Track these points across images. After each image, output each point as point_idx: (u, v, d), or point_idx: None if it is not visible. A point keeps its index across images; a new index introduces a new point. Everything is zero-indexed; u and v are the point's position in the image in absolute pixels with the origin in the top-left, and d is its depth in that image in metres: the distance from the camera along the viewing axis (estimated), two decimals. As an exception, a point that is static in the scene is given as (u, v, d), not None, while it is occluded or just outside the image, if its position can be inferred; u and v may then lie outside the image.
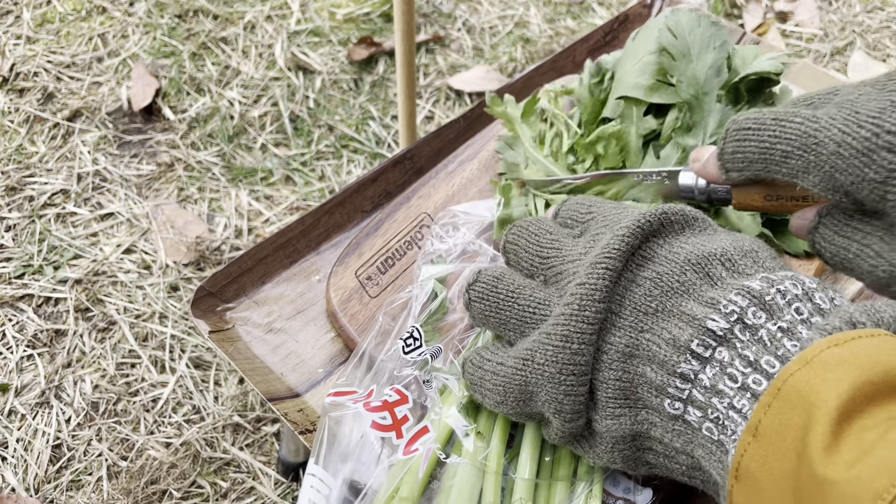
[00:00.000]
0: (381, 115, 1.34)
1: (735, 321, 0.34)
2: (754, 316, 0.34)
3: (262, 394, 0.56)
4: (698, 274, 0.38)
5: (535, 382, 0.40)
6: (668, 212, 0.40)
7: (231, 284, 0.63)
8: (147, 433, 0.97)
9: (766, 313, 0.34)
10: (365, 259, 0.63)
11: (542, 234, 0.46)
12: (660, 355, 0.36)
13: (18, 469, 0.94)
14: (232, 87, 1.36)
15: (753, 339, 0.34)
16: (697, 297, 0.37)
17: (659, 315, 0.37)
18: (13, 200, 1.19)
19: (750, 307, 0.34)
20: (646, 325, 0.37)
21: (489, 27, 1.52)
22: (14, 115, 1.30)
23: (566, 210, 0.49)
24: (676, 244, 0.40)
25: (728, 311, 0.35)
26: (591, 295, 0.38)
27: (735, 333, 0.34)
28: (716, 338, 0.35)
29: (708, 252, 0.38)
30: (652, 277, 0.38)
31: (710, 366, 0.35)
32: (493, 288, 0.45)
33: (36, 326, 1.06)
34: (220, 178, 1.24)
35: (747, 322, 0.34)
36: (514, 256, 0.47)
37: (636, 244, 0.39)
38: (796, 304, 0.34)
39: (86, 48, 1.41)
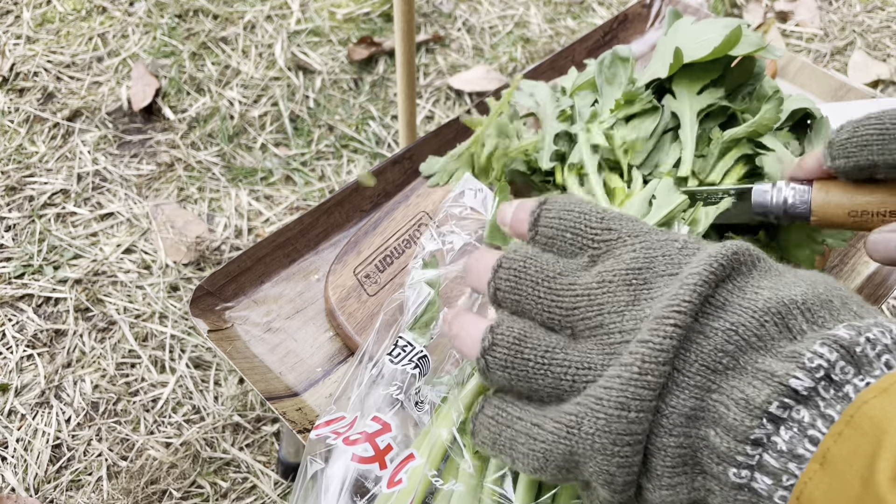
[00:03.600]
0: (381, 115, 1.34)
1: (821, 377, 0.30)
2: (842, 371, 0.30)
3: (261, 393, 0.56)
4: (778, 326, 0.33)
5: (583, 453, 0.35)
6: (738, 251, 0.35)
7: (230, 284, 0.63)
8: (147, 433, 0.97)
9: (854, 367, 0.30)
10: (363, 257, 0.63)
11: (549, 278, 0.39)
12: (728, 418, 0.32)
13: (18, 469, 0.94)
14: (232, 87, 1.36)
15: (837, 396, 0.30)
16: (776, 352, 0.32)
17: (730, 373, 0.33)
18: (13, 200, 1.19)
19: (839, 361, 0.30)
20: (714, 383, 0.33)
21: (489, 27, 1.52)
22: (14, 115, 1.30)
23: (560, 223, 0.41)
24: (750, 290, 0.35)
25: (814, 366, 0.30)
26: (656, 357, 0.33)
27: (818, 391, 0.30)
28: (797, 397, 0.30)
29: (787, 299, 0.33)
30: (725, 329, 0.33)
31: (786, 427, 0.30)
32: (519, 353, 0.37)
33: (36, 326, 1.06)
34: (220, 177, 1.24)
35: (834, 378, 0.30)
36: (518, 307, 0.39)
37: (709, 294, 0.34)
38: (886, 355, 0.30)
39: (86, 48, 1.41)
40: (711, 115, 0.62)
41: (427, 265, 0.57)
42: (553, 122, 0.65)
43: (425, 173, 0.70)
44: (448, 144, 0.73)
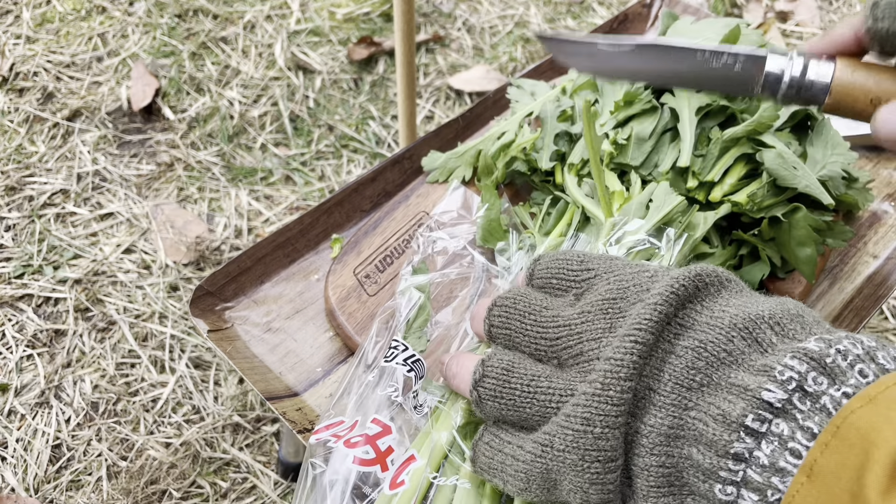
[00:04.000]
0: (381, 115, 1.34)
1: (794, 389, 0.30)
2: (815, 382, 0.30)
3: (261, 393, 0.56)
4: (746, 340, 0.34)
5: (558, 470, 0.36)
6: (702, 273, 0.36)
7: (230, 284, 0.63)
8: (147, 433, 0.97)
9: (828, 378, 0.30)
10: (363, 257, 0.63)
11: (535, 311, 0.41)
12: (708, 434, 0.32)
13: (18, 469, 0.94)
14: (232, 87, 1.36)
15: (815, 407, 0.30)
16: (748, 366, 0.33)
17: (705, 389, 0.33)
18: (13, 200, 1.19)
19: (809, 372, 0.30)
20: (690, 401, 0.33)
21: (489, 27, 1.52)
22: (14, 115, 1.30)
23: (547, 271, 0.44)
24: (717, 308, 0.35)
25: (785, 378, 0.31)
26: (617, 372, 0.34)
27: (794, 403, 0.30)
28: (772, 410, 0.30)
29: (754, 315, 0.34)
30: (694, 347, 0.34)
31: (767, 441, 0.30)
32: (506, 383, 0.39)
33: (36, 326, 1.06)
34: (219, 177, 1.24)
35: (807, 389, 0.30)
36: (509, 341, 0.42)
37: (671, 313, 0.35)
38: (859, 365, 0.30)
39: (85, 48, 1.41)
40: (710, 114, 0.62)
41: (417, 271, 0.57)
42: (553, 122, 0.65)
43: (427, 168, 0.70)
44: (448, 144, 0.73)
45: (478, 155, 0.68)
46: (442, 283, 0.59)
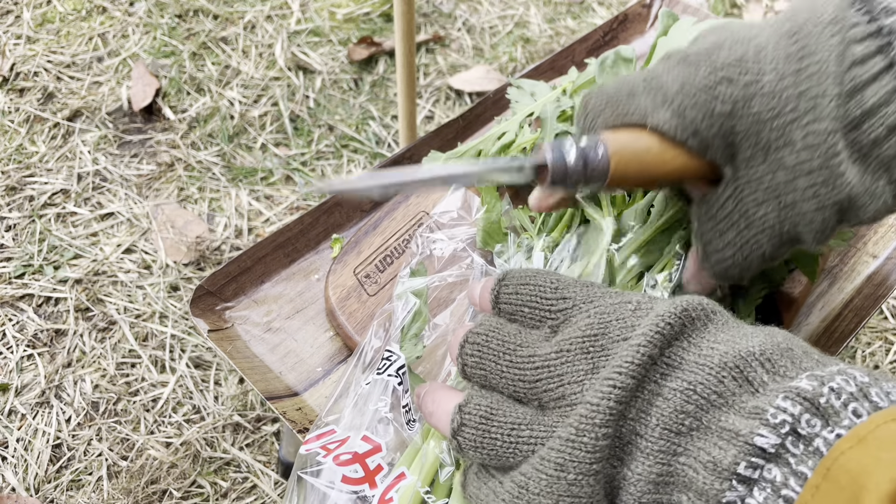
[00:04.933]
0: (381, 115, 1.34)
1: (787, 433, 0.29)
2: (808, 424, 0.29)
3: (261, 392, 0.56)
4: (737, 381, 0.32)
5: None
6: (688, 308, 0.35)
7: (230, 283, 0.63)
8: (147, 433, 0.97)
9: (822, 419, 0.29)
10: (364, 257, 0.63)
11: (510, 350, 0.39)
12: (698, 482, 0.31)
13: (18, 469, 0.94)
14: (232, 87, 1.36)
15: (808, 450, 0.29)
16: (739, 408, 0.31)
17: (695, 434, 0.32)
18: (13, 200, 1.19)
19: (803, 414, 0.29)
20: (680, 446, 0.32)
21: (489, 27, 1.52)
22: (14, 115, 1.30)
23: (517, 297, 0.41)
24: (705, 345, 0.34)
25: (778, 422, 0.29)
26: (592, 418, 0.33)
27: (787, 447, 0.29)
28: (765, 455, 0.29)
29: (744, 352, 0.33)
30: (683, 389, 0.32)
31: (759, 488, 0.29)
32: (486, 433, 0.37)
33: (36, 326, 1.06)
34: (220, 177, 1.24)
35: (801, 432, 0.29)
36: (485, 381, 0.39)
37: (656, 354, 0.34)
38: (853, 404, 0.29)
39: (86, 48, 1.41)
40: None
41: (415, 273, 0.56)
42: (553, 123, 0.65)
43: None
44: (448, 144, 0.73)
45: (478, 155, 0.68)
46: (440, 286, 0.59)
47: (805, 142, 0.42)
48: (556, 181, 0.43)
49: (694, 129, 0.42)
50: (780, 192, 0.43)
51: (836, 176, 0.42)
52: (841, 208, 0.43)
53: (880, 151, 0.42)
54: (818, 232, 0.44)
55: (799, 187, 0.42)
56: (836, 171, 0.41)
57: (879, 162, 0.42)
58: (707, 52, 0.43)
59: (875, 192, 0.43)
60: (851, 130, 0.42)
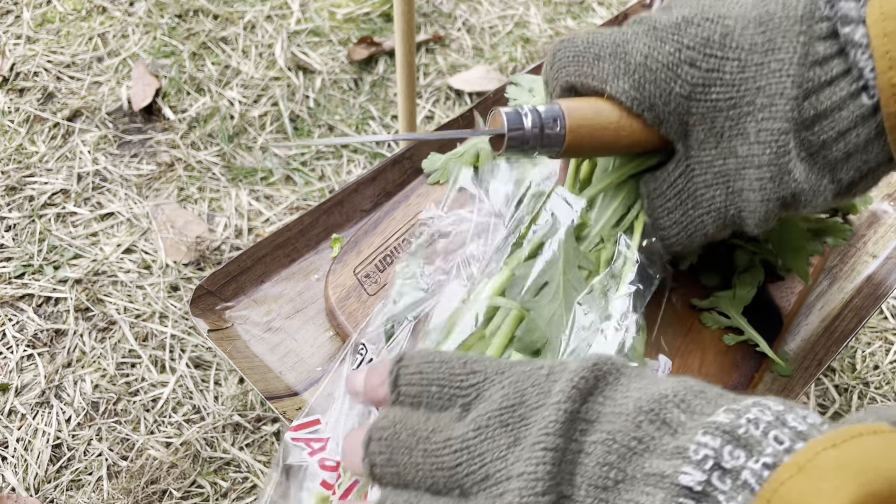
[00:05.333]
0: (381, 115, 1.34)
1: (711, 468, 0.29)
2: (731, 456, 0.28)
3: (261, 392, 0.56)
4: (654, 423, 0.31)
5: None
6: (598, 363, 0.34)
7: (230, 283, 0.63)
8: (147, 433, 0.97)
9: (744, 450, 0.28)
10: (363, 257, 0.64)
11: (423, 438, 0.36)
12: None
13: (18, 469, 0.94)
14: (232, 87, 1.36)
15: (737, 485, 0.28)
16: (661, 450, 0.31)
17: (621, 486, 0.31)
18: (13, 200, 1.19)
19: (724, 446, 0.29)
20: (608, 502, 0.31)
21: (489, 27, 1.52)
22: (14, 115, 1.30)
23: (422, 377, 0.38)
24: (619, 396, 0.33)
25: (700, 458, 0.29)
26: (532, 488, 0.31)
27: (714, 484, 0.28)
28: (693, 495, 0.28)
29: (657, 395, 0.32)
30: (603, 440, 0.32)
31: None
32: None
33: (36, 326, 1.06)
34: (220, 177, 1.24)
35: (725, 466, 0.28)
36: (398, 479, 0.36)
37: (576, 409, 0.33)
38: (773, 431, 0.29)
39: (86, 48, 1.41)
40: None
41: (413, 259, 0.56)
42: None
43: (427, 170, 0.70)
44: (448, 144, 0.73)
45: (477, 155, 0.68)
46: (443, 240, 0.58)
47: (758, 137, 0.43)
48: (511, 148, 0.44)
49: (651, 104, 0.44)
50: (729, 179, 0.45)
51: (783, 173, 0.43)
52: (785, 202, 0.45)
53: (828, 153, 0.44)
54: (761, 220, 0.46)
55: (748, 177, 0.44)
56: (785, 169, 0.43)
57: (826, 162, 0.44)
58: (676, 27, 0.44)
59: (818, 190, 0.45)
60: (803, 130, 0.43)
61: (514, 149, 0.45)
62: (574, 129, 0.44)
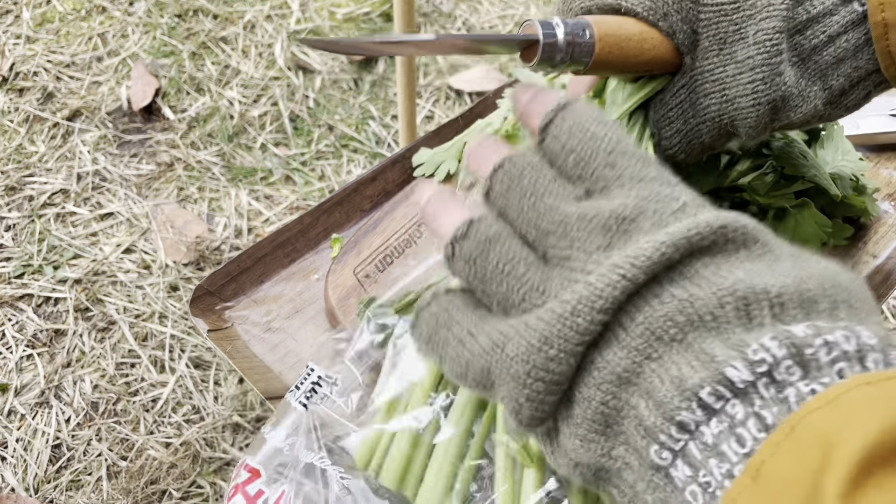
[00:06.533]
0: (381, 115, 1.34)
1: (762, 373, 0.28)
2: (787, 371, 0.28)
3: (261, 392, 0.56)
4: (738, 311, 0.30)
5: (499, 374, 0.34)
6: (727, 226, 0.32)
7: (230, 283, 0.63)
8: (147, 433, 0.97)
9: (802, 369, 0.28)
10: (363, 257, 0.63)
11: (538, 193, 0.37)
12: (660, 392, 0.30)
13: (18, 469, 0.94)
14: (232, 87, 1.36)
15: (777, 397, 0.27)
16: (726, 337, 0.30)
17: (674, 345, 0.31)
18: (13, 200, 1.19)
19: (784, 360, 0.28)
20: (656, 351, 0.31)
21: (489, 27, 1.52)
22: (14, 115, 1.30)
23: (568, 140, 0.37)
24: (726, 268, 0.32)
25: (756, 360, 0.28)
26: (593, 303, 0.31)
27: (758, 388, 0.28)
28: (733, 389, 0.28)
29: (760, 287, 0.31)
30: (682, 298, 0.31)
31: (718, 420, 0.28)
32: (485, 252, 0.36)
33: (35, 326, 1.06)
34: (219, 177, 1.24)
35: (776, 377, 0.28)
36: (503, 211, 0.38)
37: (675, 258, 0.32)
38: (841, 363, 0.28)
39: (85, 48, 1.41)
40: None
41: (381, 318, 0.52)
42: None
43: (415, 164, 0.70)
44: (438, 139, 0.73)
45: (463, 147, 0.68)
46: None
47: (755, 38, 0.45)
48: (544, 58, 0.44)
49: (665, 12, 0.46)
50: (725, 86, 0.47)
51: (774, 74, 0.45)
52: (775, 107, 0.46)
53: (819, 58, 0.46)
54: (752, 127, 0.47)
55: (741, 82, 0.46)
56: (776, 70, 0.45)
57: (817, 67, 0.46)
58: None
59: (808, 96, 0.46)
60: (795, 34, 0.46)
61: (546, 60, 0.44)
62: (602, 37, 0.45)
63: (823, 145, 0.62)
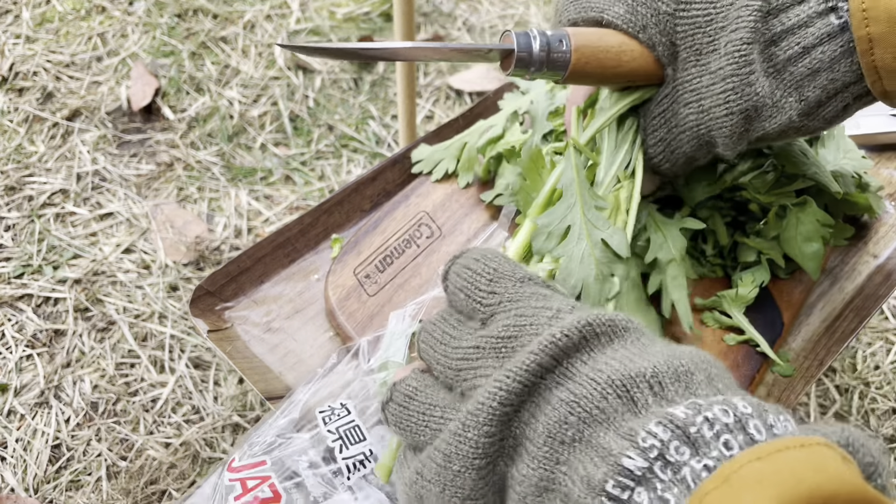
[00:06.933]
0: (381, 115, 1.34)
1: (655, 458, 0.30)
2: (677, 451, 0.29)
3: (261, 393, 0.56)
4: (621, 399, 0.33)
5: (426, 497, 0.37)
6: (593, 323, 0.35)
7: (230, 283, 0.63)
8: (146, 433, 0.97)
9: (690, 448, 0.29)
10: (363, 257, 0.63)
11: (446, 340, 0.41)
12: (574, 495, 0.32)
13: (18, 469, 0.94)
14: (231, 87, 1.36)
15: (676, 478, 0.29)
16: (617, 426, 0.32)
17: (576, 446, 0.33)
18: (12, 200, 1.19)
19: (672, 441, 0.30)
20: (562, 456, 0.33)
21: (489, 26, 1.52)
22: (13, 115, 1.30)
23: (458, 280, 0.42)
24: (602, 360, 0.34)
25: (647, 446, 0.30)
26: (477, 416, 0.34)
27: (655, 472, 0.29)
28: (633, 477, 0.30)
29: (635, 371, 0.33)
30: (569, 401, 0.33)
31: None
32: (406, 409, 0.40)
33: (35, 326, 1.06)
34: (219, 177, 1.24)
35: (669, 459, 0.29)
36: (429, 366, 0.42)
37: (547, 363, 0.35)
38: (725, 436, 0.29)
39: (85, 47, 1.41)
40: None
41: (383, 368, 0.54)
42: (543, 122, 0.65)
43: (413, 160, 0.70)
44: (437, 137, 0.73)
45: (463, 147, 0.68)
46: None
47: (726, 49, 0.46)
48: (519, 67, 0.47)
49: (643, 24, 0.48)
50: (701, 97, 0.48)
51: (745, 84, 0.46)
52: (748, 116, 0.47)
53: (794, 69, 0.46)
54: (727, 136, 0.48)
55: (715, 92, 0.47)
56: (746, 80, 0.46)
57: (792, 78, 0.47)
58: None
59: (782, 106, 0.47)
60: (770, 45, 0.46)
61: (522, 69, 0.47)
62: (579, 48, 0.47)
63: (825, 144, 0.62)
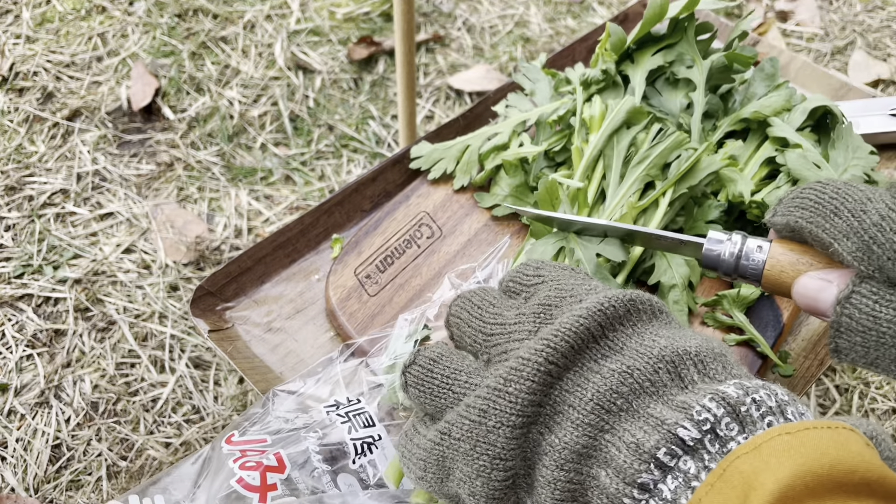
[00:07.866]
0: (381, 115, 1.34)
1: (707, 430, 0.32)
2: (727, 427, 0.32)
3: (261, 392, 0.56)
4: (671, 374, 0.35)
5: (451, 458, 0.37)
6: (636, 299, 0.37)
7: (230, 284, 0.63)
8: (147, 433, 0.97)
9: (739, 425, 0.32)
10: (364, 258, 0.63)
11: (484, 306, 0.43)
12: (619, 460, 0.33)
13: (18, 469, 0.94)
14: (231, 87, 1.36)
15: (722, 451, 0.31)
16: (667, 399, 0.34)
17: (623, 415, 0.34)
18: (13, 200, 1.19)
19: (724, 417, 0.32)
20: (608, 423, 0.34)
21: (489, 26, 1.52)
22: (13, 115, 1.30)
23: (511, 274, 0.45)
24: (648, 337, 0.36)
25: (701, 419, 0.32)
26: (520, 371, 0.35)
27: (705, 444, 0.31)
28: (685, 447, 0.32)
29: (682, 350, 0.35)
30: (621, 371, 0.35)
31: (673, 476, 0.31)
32: (429, 372, 0.40)
33: (35, 326, 1.06)
34: (219, 177, 1.24)
35: (719, 433, 0.32)
36: (458, 331, 0.43)
37: (594, 329, 0.36)
38: (769, 417, 0.32)
39: (85, 47, 1.41)
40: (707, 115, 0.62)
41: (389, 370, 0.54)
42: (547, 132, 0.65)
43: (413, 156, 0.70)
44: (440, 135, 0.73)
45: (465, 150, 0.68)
46: None
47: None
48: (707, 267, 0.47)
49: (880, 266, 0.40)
50: None
51: None
52: None
53: None
54: None
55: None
56: None
57: None
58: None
59: None
60: None
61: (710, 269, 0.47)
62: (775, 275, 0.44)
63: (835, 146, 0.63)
